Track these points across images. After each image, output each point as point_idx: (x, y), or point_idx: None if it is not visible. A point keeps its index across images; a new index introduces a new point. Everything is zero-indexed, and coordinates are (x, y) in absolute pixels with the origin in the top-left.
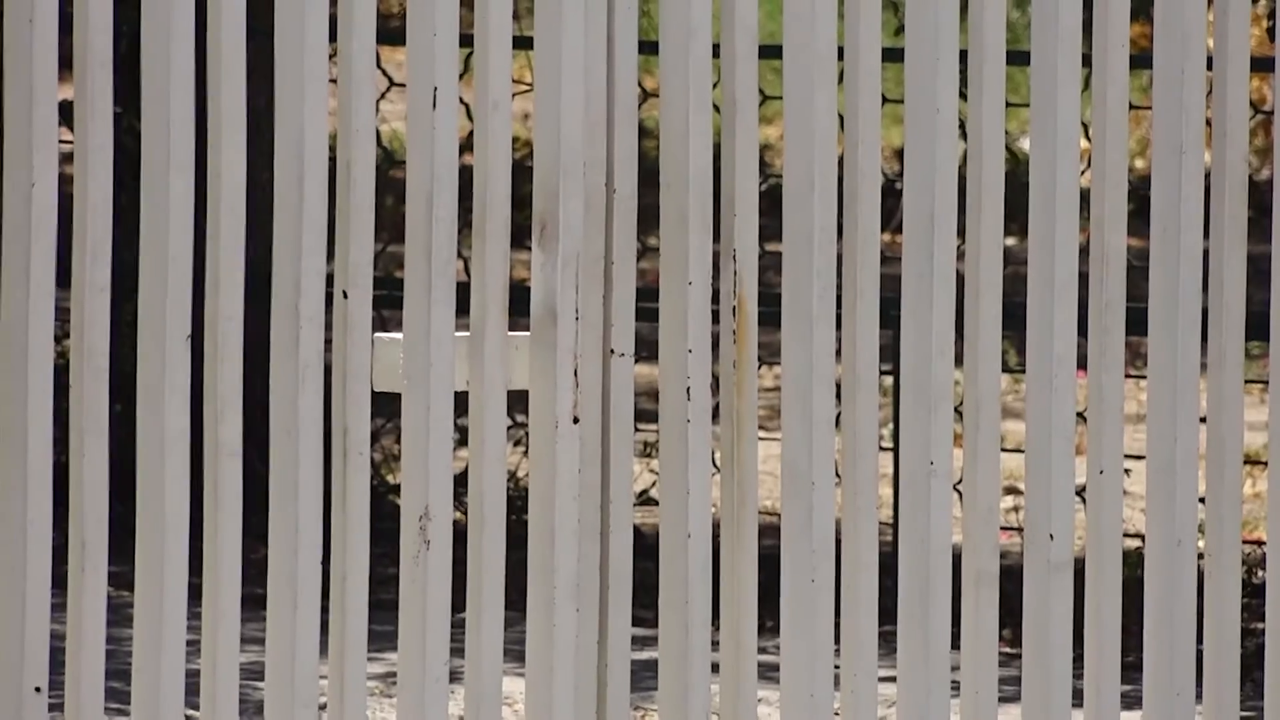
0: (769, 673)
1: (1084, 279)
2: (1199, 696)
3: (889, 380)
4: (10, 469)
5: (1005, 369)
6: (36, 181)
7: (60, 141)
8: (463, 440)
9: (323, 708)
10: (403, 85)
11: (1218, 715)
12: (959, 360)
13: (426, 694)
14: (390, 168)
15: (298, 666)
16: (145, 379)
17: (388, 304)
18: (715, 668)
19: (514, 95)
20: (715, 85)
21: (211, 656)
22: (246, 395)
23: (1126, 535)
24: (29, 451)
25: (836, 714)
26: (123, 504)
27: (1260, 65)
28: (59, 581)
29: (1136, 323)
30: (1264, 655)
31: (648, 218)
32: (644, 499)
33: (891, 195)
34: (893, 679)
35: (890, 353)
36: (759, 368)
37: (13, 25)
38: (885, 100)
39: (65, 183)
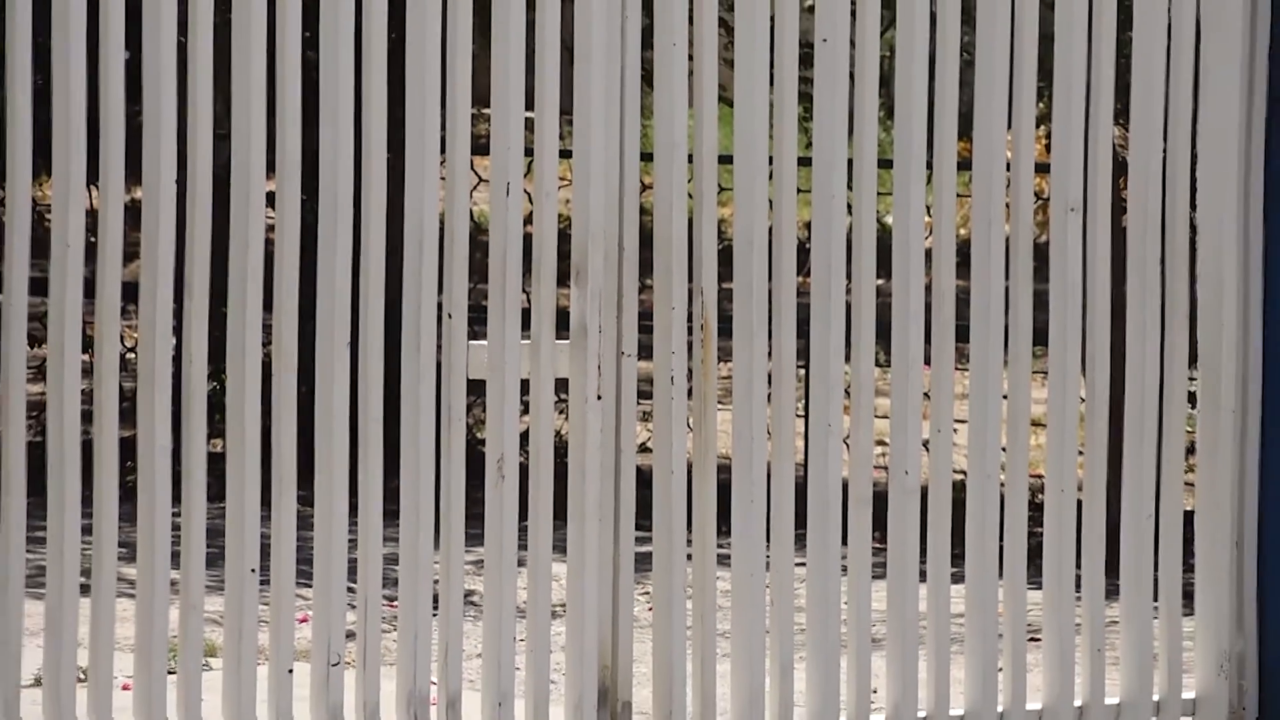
0: (724, 560)
1: (928, 307)
2: (1001, 575)
3: (803, 372)
4: (234, 430)
5: (877, 364)
6: (250, 245)
7: (266, 219)
8: (525, 410)
9: (435, 583)
10: (487, 180)
11: (1012, 587)
12: (848, 358)
13: (503, 574)
14: (479, 234)
15: (420, 556)
16: (320, 370)
17: (477, 322)
18: (689, 558)
19: (559, 188)
20: (689, 180)
21: (364, 549)
22: (386, 382)
23: (954, 472)
24: (245, 419)
25: (767, 586)
26: (306, 451)
27: (1041, 168)
28: (265, 500)
29: (962, 334)
30: (1042, 549)
31: (645, 267)
32: (643, 448)
33: (803, 252)
34: (803, 564)
35: (803, 354)
36: (718, 363)
37: (238, 144)
38: (799, 190)
39: (269, 245)
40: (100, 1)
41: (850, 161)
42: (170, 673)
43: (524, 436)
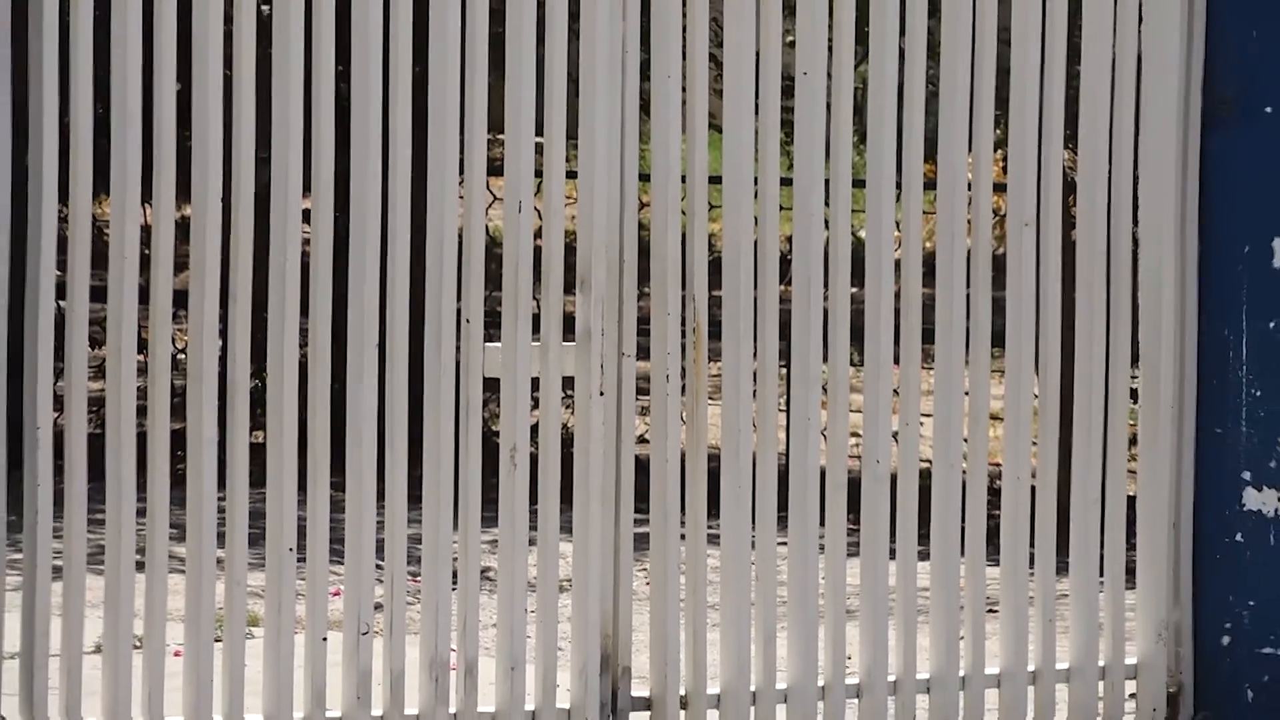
0: (713, 540)
1: (898, 313)
2: (962, 553)
3: (785, 371)
4: (274, 423)
5: (851, 364)
6: (288, 257)
7: (302, 234)
8: (535, 405)
9: (454, 560)
10: (501, 199)
11: (972, 564)
12: (825, 359)
13: (515, 552)
14: (494, 247)
15: (440, 536)
16: (351, 369)
17: (492, 326)
18: (683, 538)
19: (566, 205)
20: (683, 199)
21: (391, 530)
22: (410, 380)
23: (921, 461)
24: (283, 414)
25: (753, 564)
26: (339, 442)
27: (998, 188)
28: (301, 486)
29: (928, 337)
30: (1000, 530)
31: (643, 276)
32: (641, 440)
33: (785, 263)
34: (785, 543)
35: (785, 355)
36: (708, 363)
37: (278, 166)
38: (782, 208)
39: (305, 257)
40: (154, 38)
41: (827, 182)
42: (216, 640)
43: (534, 429)
